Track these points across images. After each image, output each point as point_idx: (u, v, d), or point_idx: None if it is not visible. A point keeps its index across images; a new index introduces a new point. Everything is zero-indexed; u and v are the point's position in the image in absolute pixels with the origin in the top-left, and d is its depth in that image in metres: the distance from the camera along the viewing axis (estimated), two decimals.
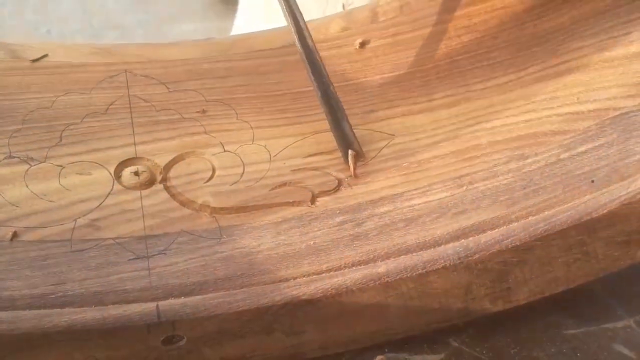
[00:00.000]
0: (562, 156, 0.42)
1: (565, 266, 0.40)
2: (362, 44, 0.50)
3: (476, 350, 0.43)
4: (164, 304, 0.37)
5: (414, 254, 0.39)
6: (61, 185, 0.41)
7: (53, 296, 0.36)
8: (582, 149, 0.42)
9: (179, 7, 1.46)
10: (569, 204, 0.40)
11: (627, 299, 0.45)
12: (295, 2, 0.45)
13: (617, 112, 0.43)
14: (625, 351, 0.42)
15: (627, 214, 0.40)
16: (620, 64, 0.45)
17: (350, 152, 0.43)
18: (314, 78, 0.45)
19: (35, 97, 0.46)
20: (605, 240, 0.40)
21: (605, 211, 0.39)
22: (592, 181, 0.40)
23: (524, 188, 0.41)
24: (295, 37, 0.45)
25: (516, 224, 0.40)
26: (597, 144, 0.42)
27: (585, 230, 0.39)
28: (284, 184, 0.43)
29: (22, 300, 0.36)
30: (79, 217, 0.40)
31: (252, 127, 0.46)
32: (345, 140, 0.44)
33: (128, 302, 0.37)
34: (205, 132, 0.45)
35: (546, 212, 0.40)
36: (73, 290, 0.37)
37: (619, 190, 0.40)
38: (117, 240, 0.39)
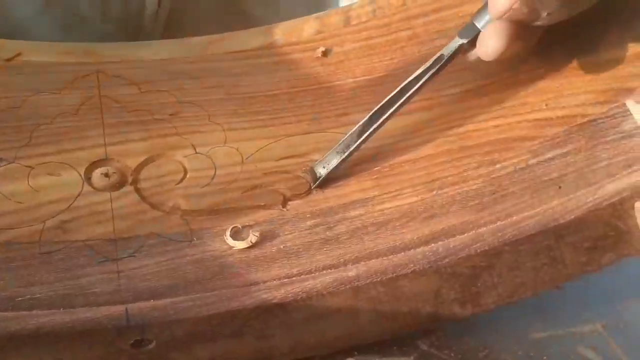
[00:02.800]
0: (530, 162, 0.43)
1: (533, 271, 0.41)
2: (325, 53, 0.51)
3: (445, 352, 0.43)
4: (133, 307, 0.36)
5: (384, 258, 0.39)
6: (30, 186, 0.41)
7: (21, 299, 0.36)
8: (550, 155, 0.43)
9: None
10: (537, 210, 0.40)
11: (594, 304, 0.46)
12: None
13: (585, 119, 0.44)
14: (592, 355, 0.43)
15: (594, 220, 0.40)
16: (589, 71, 0.46)
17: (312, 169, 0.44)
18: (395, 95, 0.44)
19: (5, 97, 0.46)
20: (573, 246, 0.41)
21: (572, 217, 0.40)
22: (560, 187, 0.41)
23: (493, 193, 0.42)
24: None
25: (485, 228, 0.40)
26: (564, 151, 0.42)
27: (553, 235, 0.40)
28: (256, 187, 0.43)
29: None
30: (48, 219, 0.40)
31: (224, 129, 0.46)
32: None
33: (97, 305, 0.36)
34: (177, 134, 0.45)
35: (514, 218, 0.40)
36: (41, 292, 0.36)
37: (585, 197, 0.40)
38: (86, 243, 0.39)
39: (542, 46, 0.47)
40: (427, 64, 0.45)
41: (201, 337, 0.38)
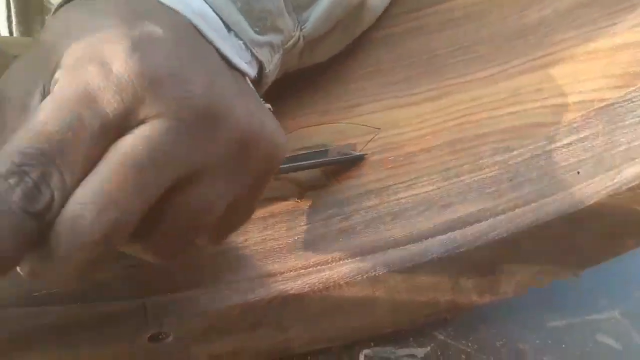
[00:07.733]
0: (547, 148, 0.42)
1: (552, 258, 0.40)
2: None
3: (462, 342, 0.43)
4: (150, 301, 0.36)
5: (401, 247, 0.39)
6: None
7: (37, 294, 0.36)
8: (568, 140, 0.42)
9: None
10: (555, 196, 0.40)
11: (611, 290, 0.46)
12: None
13: (603, 104, 0.43)
14: (611, 342, 0.43)
15: (613, 205, 0.40)
16: (605, 55, 0.45)
17: None
18: None
19: None
20: (592, 232, 0.40)
21: (591, 202, 0.39)
22: (578, 172, 0.40)
23: (510, 180, 0.41)
24: None
25: (503, 216, 0.40)
26: (582, 136, 0.42)
27: (572, 222, 0.39)
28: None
29: (7, 299, 0.35)
30: None
31: None
32: None
33: (115, 299, 0.36)
34: None
35: (532, 204, 0.40)
36: (58, 287, 0.36)
37: (604, 182, 0.40)
38: None
39: (556, 31, 0.46)
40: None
41: (219, 330, 0.37)
